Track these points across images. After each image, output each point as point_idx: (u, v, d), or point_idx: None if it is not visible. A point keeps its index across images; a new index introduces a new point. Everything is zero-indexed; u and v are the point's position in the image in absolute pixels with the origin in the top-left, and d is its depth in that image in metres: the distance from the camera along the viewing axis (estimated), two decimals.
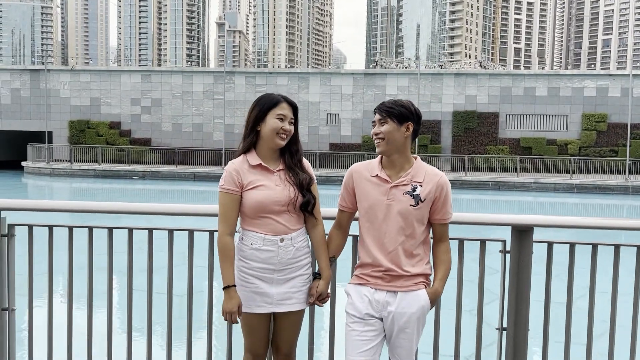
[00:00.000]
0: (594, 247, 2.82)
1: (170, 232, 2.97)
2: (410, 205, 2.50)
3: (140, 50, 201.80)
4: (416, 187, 2.51)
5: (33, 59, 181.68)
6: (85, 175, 32.81)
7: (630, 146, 32.91)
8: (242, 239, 2.61)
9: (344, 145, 35.83)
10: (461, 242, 2.89)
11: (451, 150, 35.42)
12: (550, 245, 2.82)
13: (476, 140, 35.54)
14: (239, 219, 2.62)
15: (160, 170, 32.45)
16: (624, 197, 28.16)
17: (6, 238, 2.98)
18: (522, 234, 2.79)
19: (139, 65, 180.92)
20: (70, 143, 36.69)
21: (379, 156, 2.62)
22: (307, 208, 2.61)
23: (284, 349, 2.70)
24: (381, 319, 2.54)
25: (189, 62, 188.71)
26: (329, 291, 2.72)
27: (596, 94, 34.96)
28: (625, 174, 31.15)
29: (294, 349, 2.75)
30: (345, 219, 2.69)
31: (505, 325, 2.85)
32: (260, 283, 2.55)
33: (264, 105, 2.58)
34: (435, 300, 2.58)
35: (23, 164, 34.81)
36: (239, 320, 2.55)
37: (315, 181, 2.70)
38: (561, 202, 26.49)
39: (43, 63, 41.14)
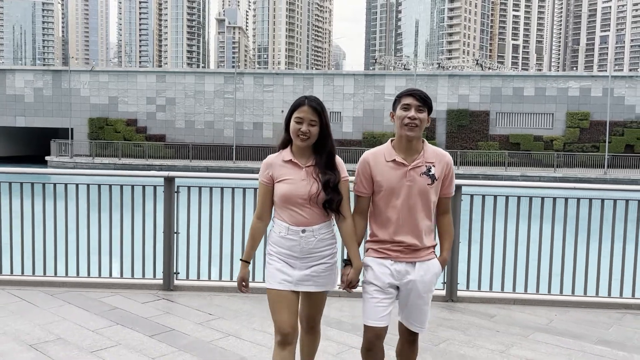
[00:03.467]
0: (506, 198, 5.37)
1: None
2: (428, 184, 2.76)
3: (140, 46, 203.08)
4: (430, 168, 2.77)
5: (38, 57, 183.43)
6: (107, 169, 35.38)
7: (609, 142, 35.57)
8: (274, 226, 2.89)
9: (345, 141, 38.40)
10: None
11: (445, 146, 37.88)
12: (471, 197, 5.39)
13: (468, 136, 38.17)
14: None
15: (176, 164, 35.01)
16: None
17: (176, 194, 5.55)
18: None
19: (140, 64, 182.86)
20: (90, 139, 39.25)
21: (389, 142, 2.86)
22: (329, 206, 2.78)
23: (308, 322, 3.00)
24: (397, 287, 2.83)
25: (190, 59, 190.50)
26: (360, 278, 2.91)
27: (579, 94, 37.61)
28: (604, 167, 33.82)
29: (317, 324, 3.04)
30: (365, 204, 2.90)
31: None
32: (284, 265, 2.83)
33: (290, 109, 2.82)
34: (444, 267, 2.94)
35: (47, 158, 37.27)
36: (243, 290, 2.91)
37: (347, 178, 2.87)
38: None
39: (66, 63, 43.52)
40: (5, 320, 4.47)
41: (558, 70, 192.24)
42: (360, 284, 2.92)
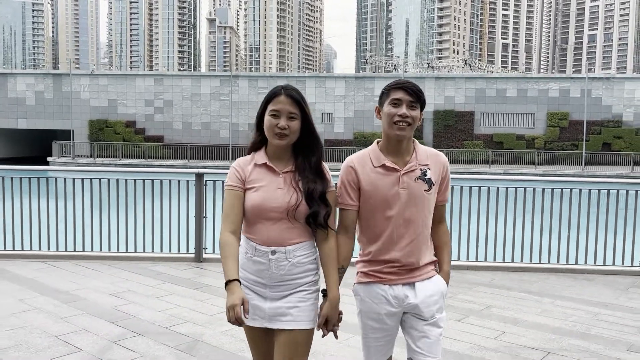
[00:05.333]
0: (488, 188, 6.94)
1: None
2: (424, 190, 2.32)
3: (131, 46, 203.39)
4: (426, 171, 2.33)
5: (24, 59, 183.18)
6: (108, 169, 36.66)
7: (587, 140, 37.46)
8: (242, 245, 2.33)
9: (337, 141, 39.97)
10: None
11: (432, 145, 39.32)
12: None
13: (454, 136, 39.90)
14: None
15: (175, 164, 36.42)
16: (580, 184, 32.50)
17: (205, 186, 7.08)
18: None
19: (131, 64, 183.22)
20: (90, 140, 40.57)
21: (375, 145, 2.39)
22: (313, 221, 2.24)
23: None
24: (401, 313, 2.37)
25: (181, 59, 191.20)
26: (342, 314, 2.34)
27: (559, 95, 39.46)
28: (582, 164, 35.67)
29: None
30: (351, 219, 2.38)
31: None
32: (253, 295, 2.26)
33: (263, 101, 2.31)
34: (448, 283, 2.46)
35: (49, 159, 38.51)
36: (244, 318, 2.12)
37: (333, 188, 2.35)
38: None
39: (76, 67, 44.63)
40: (82, 281, 6.00)
41: (547, 69, 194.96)
42: (357, 315, 2.46)
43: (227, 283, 2.15)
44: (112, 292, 5.55)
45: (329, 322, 2.30)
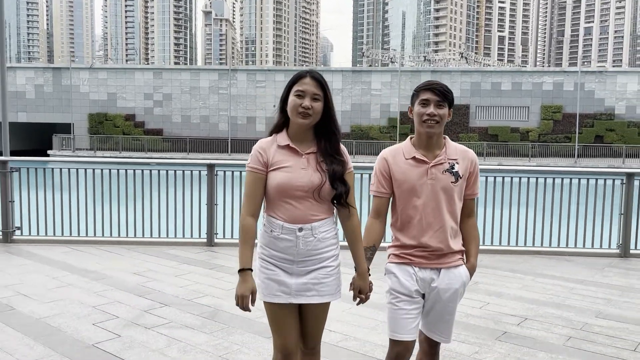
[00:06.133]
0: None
1: None
2: (451, 182, 2.52)
3: (127, 39, 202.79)
4: (454, 165, 2.53)
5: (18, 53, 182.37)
6: (108, 161, 37.17)
7: (580, 133, 38.15)
8: (264, 224, 2.45)
9: None
10: None
11: None
12: None
13: (450, 129, 40.45)
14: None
15: (175, 157, 36.89)
16: (572, 175, 33.25)
17: (215, 176, 7.64)
18: None
19: (127, 57, 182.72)
20: (90, 134, 40.99)
21: (409, 139, 2.62)
22: (338, 200, 2.42)
23: (309, 342, 2.54)
24: (423, 295, 2.58)
25: (177, 51, 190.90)
26: (372, 284, 2.54)
27: (553, 88, 40.10)
28: (575, 157, 36.37)
29: (319, 343, 2.59)
30: (384, 205, 2.62)
31: None
32: (279, 272, 2.40)
33: (288, 83, 2.44)
34: (472, 275, 2.65)
35: (49, 152, 38.92)
36: (251, 308, 2.36)
37: (352, 169, 2.50)
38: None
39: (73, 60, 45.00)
40: (106, 262, 6.56)
41: (543, 62, 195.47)
42: (385, 292, 2.65)
43: (241, 270, 2.36)
44: (135, 271, 6.12)
45: (362, 291, 2.51)
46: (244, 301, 2.35)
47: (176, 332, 4.20)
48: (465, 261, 2.66)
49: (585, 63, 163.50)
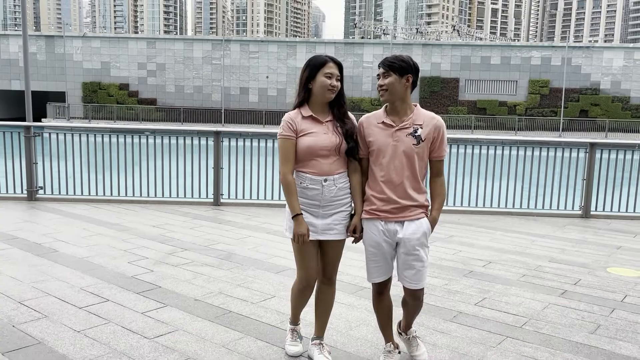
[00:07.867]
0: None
1: None
2: (413, 144, 2.87)
3: (115, 6, 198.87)
4: (417, 129, 2.87)
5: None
6: (103, 131, 37.56)
7: (566, 107, 39.07)
8: (294, 179, 3.00)
9: None
10: None
11: None
12: None
13: (440, 102, 41.24)
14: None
15: (169, 127, 37.39)
16: (543, 145, 34.32)
17: (222, 142, 8.42)
18: None
19: (115, 26, 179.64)
20: (84, 102, 41.22)
21: (384, 106, 2.99)
22: (352, 154, 2.99)
23: (328, 272, 3.15)
24: (394, 244, 2.97)
25: (167, 19, 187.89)
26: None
27: (540, 63, 40.81)
28: (559, 130, 37.35)
29: (335, 274, 3.20)
30: (364, 165, 3.04)
31: None
32: (308, 215, 2.98)
33: (314, 66, 2.96)
34: (434, 226, 3.01)
35: (44, 120, 39.20)
36: (307, 240, 2.95)
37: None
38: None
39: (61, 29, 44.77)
40: (125, 217, 7.37)
41: (536, 36, 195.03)
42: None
43: (295, 216, 2.94)
44: (153, 224, 6.95)
45: (357, 229, 3.05)
46: (303, 238, 2.94)
47: (199, 269, 5.05)
48: (429, 214, 3.01)
49: (578, 37, 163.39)
